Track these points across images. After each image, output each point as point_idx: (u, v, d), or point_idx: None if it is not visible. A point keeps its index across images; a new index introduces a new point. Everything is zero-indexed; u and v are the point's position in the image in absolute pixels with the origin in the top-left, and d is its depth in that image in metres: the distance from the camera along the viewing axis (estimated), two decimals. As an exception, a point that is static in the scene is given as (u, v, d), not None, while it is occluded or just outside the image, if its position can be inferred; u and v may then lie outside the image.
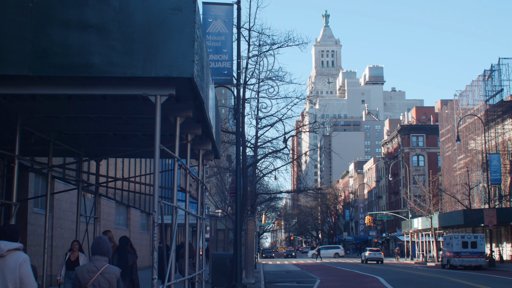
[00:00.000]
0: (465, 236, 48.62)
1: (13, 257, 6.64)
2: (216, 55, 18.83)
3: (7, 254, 6.64)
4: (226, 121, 29.28)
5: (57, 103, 12.02)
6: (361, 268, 50.39)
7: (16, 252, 6.70)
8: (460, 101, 71.91)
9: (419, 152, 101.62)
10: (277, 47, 25.23)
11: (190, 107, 11.10)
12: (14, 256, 6.65)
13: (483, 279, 33.96)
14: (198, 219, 16.57)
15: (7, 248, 6.64)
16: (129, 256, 15.58)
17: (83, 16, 8.85)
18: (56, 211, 25.17)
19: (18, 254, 6.69)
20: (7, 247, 6.65)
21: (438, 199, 68.46)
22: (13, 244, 6.71)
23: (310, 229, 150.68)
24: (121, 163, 37.38)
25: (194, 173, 15.00)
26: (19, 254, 6.70)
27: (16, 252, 6.70)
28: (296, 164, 39.44)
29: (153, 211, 9.20)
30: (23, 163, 18.91)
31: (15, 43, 8.70)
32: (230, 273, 23.03)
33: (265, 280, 33.12)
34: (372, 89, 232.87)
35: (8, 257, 6.64)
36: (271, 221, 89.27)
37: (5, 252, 6.63)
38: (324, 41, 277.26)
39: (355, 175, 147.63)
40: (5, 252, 6.63)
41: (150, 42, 8.95)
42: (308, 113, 43.09)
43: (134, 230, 42.08)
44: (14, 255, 6.66)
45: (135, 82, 9.31)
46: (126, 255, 15.48)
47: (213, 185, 41.36)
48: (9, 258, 6.64)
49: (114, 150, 17.90)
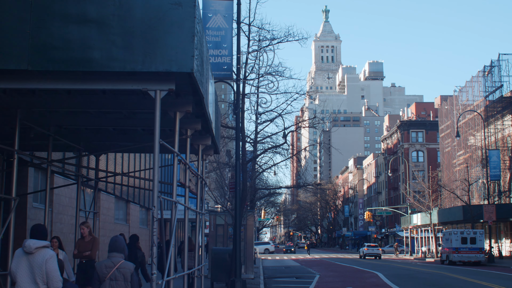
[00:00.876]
0: (464, 232, 48.68)
1: (41, 254, 7.52)
2: (216, 50, 18.81)
3: (35, 251, 7.51)
4: (225, 116, 29.22)
5: (57, 98, 12.01)
6: (360, 264, 50.45)
7: (44, 249, 7.59)
8: (459, 97, 71.88)
9: (419, 148, 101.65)
10: (277, 42, 25.20)
11: (190, 102, 11.09)
12: (41, 253, 7.53)
13: (482, 274, 34.00)
14: (198, 214, 16.58)
15: (35, 246, 7.51)
16: (138, 252, 16.82)
17: (83, 10, 8.83)
18: (55, 206, 25.17)
19: (46, 251, 7.58)
20: (35, 245, 7.52)
21: (437, 195, 68.50)
22: (40, 242, 7.58)
23: (309, 225, 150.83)
24: (121, 158, 37.37)
25: (193, 168, 15.00)
26: (46, 251, 7.59)
27: (44, 249, 7.59)
28: (296, 160, 39.44)
29: (152, 206, 9.20)
30: (22, 157, 18.90)
31: (15, 37, 8.68)
32: (229, 268, 23.03)
33: (264, 276, 33.14)
34: (371, 85, 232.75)
35: (36, 254, 7.51)
36: (270, 217, 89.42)
37: (34, 249, 7.50)
38: (324, 36, 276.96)
39: (354, 170, 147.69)
40: (34, 249, 7.50)
41: (150, 36, 8.93)
42: (307, 109, 43.11)
43: (133, 225, 42.09)
44: (42, 252, 7.54)
45: (135, 77, 9.30)
46: (136, 251, 16.70)
47: (213, 180, 41.37)
48: (37, 254, 7.51)
49: (113, 145, 17.90)
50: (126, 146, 17.70)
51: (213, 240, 32.24)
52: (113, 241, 8.43)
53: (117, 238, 8.53)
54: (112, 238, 8.53)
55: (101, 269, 8.21)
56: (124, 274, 8.18)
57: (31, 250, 7.52)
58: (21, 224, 21.31)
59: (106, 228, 33.51)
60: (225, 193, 34.37)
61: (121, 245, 8.40)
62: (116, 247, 8.35)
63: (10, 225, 11.94)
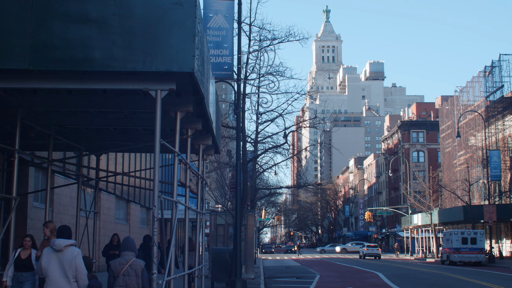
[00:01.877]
0: (464, 232, 48.66)
1: (69, 251, 8.70)
2: (217, 50, 18.81)
3: (64, 249, 8.68)
4: (226, 116, 29.22)
5: (58, 97, 12.01)
6: (360, 264, 50.44)
7: (71, 247, 8.77)
8: (460, 97, 71.85)
9: (419, 148, 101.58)
10: (278, 42, 25.15)
11: (191, 101, 11.09)
12: (70, 250, 8.71)
13: (483, 275, 33.98)
14: (198, 214, 16.58)
15: (64, 244, 8.68)
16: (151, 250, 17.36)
17: (84, 10, 8.83)
18: (56, 205, 25.17)
19: (73, 249, 8.76)
20: (64, 243, 8.69)
21: (438, 195, 68.47)
22: (68, 241, 8.76)
23: (310, 225, 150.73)
24: (121, 158, 37.37)
25: (194, 168, 15.00)
26: (74, 249, 8.77)
27: (71, 247, 8.77)
28: (296, 160, 39.41)
29: (153, 206, 9.20)
30: (23, 157, 18.91)
31: (16, 37, 8.68)
32: (230, 268, 23.03)
33: (265, 276, 33.15)
34: (372, 85, 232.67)
35: (65, 251, 8.68)
36: (271, 217, 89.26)
37: (63, 247, 8.67)
38: (324, 36, 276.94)
39: (355, 170, 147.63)
40: (63, 247, 8.67)
41: (150, 36, 8.93)
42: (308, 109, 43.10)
43: (134, 225, 42.09)
44: (70, 250, 8.71)
45: (135, 77, 9.29)
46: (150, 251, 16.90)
47: (213, 180, 41.36)
48: (66, 252, 8.68)
49: (114, 145, 17.90)
50: (127, 145, 17.70)
51: (213, 240, 32.23)
52: (125, 241, 9.41)
53: (129, 238, 9.52)
54: (124, 238, 9.53)
55: (115, 266, 9.16)
56: (136, 270, 9.11)
57: (60, 248, 8.66)
58: (21, 224, 21.32)
59: (107, 227, 33.51)
60: (225, 193, 34.35)
61: (132, 245, 9.37)
62: (128, 246, 9.32)
63: (10, 224, 11.95)
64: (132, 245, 9.36)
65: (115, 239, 18.82)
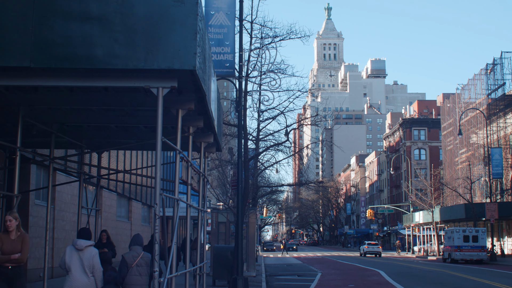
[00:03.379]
0: (466, 230, 48.67)
1: (88, 251, 10.15)
2: (218, 48, 18.79)
3: (84, 248, 10.11)
4: (228, 113, 29.19)
5: (59, 95, 12.00)
6: (361, 262, 50.46)
7: (90, 247, 10.21)
8: (462, 94, 71.80)
9: (421, 146, 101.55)
10: (279, 39, 25.15)
11: (192, 99, 11.07)
12: (89, 250, 10.16)
13: (484, 273, 33.98)
14: (200, 212, 16.57)
15: (85, 245, 10.14)
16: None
17: (86, 7, 8.82)
18: (57, 203, 25.19)
19: (92, 249, 10.22)
20: (85, 243, 10.16)
21: (439, 193, 68.47)
22: (88, 242, 10.24)
23: (311, 223, 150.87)
24: (123, 156, 37.37)
25: (195, 166, 14.98)
26: (92, 249, 10.23)
27: (90, 247, 10.21)
28: (298, 157, 39.45)
29: (154, 204, 9.19)
30: (24, 155, 18.89)
31: (17, 34, 8.67)
32: (231, 266, 23.03)
33: (266, 273, 33.17)
34: (374, 82, 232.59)
35: (85, 250, 10.11)
36: (272, 214, 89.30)
37: (84, 247, 10.11)
38: (326, 34, 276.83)
39: (356, 168, 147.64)
40: (84, 247, 10.11)
41: (152, 34, 8.91)
42: (310, 106, 42.97)
43: (135, 223, 42.11)
44: (89, 249, 10.17)
45: (137, 74, 9.28)
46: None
47: (215, 177, 41.35)
48: (86, 251, 10.12)
49: (116, 142, 17.88)
50: (128, 143, 17.68)
51: (215, 238, 32.24)
52: (135, 237, 10.83)
53: (138, 235, 10.96)
54: (134, 235, 10.94)
55: (129, 258, 10.43)
56: (146, 261, 10.46)
57: (82, 247, 10.09)
58: (23, 222, 21.29)
59: (108, 225, 33.52)
60: (227, 190, 34.35)
61: (141, 240, 10.79)
62: (137, 241, 10.70)
63: (12, 222, 11.91)
64: (141, 241, 10.77)
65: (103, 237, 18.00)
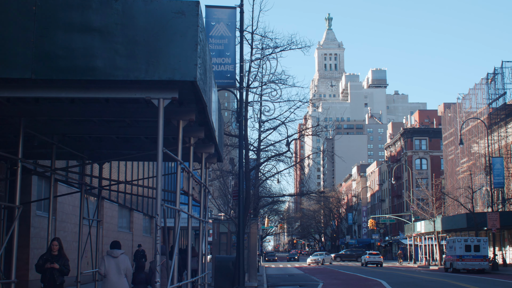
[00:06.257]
0: (468, 240, 48.51)
1: (122, 258, 12.92)
2: (219, 58, 18.86)
3: (119, 256, 12.85)
4: (229, 124, 29.26)
5: (60, 106, 12.04)
6: (363, 272, 50.31)
7: (123, 255, 13.03)
8: (463, 104, 71.81)
9: (422, 156, 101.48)
10: (280, 50, 25.22)
11: (193, 110, 11.11)
12: (122, 257, 12.93)
13: (487, 282, 33.87)
14: (201, 222, 16.57)
15: (119, 253, 12.93)
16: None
17: (87, 19, 8.87)
18: (59, 214, 25.18)
19: (124, 256, 13.04)
20: (119, 252, 12.94)
21: (441, 203, 68.35)
22: (121, 251, 13.03)
23: (313, 233, 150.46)
24: (124, 166, 37.38)
25: (197, 176, 15.00)
26: (125, 256, 13.05)
27: (123, 255, 13.03)
28: (299, 167, 39.41)
29: (156, 214, 9.21)
30: (26, 166, 18.92)
31: (19, 46, 8.72)
32: (233, 277, 23.00)
33: (268, 284, 33.06)
34: (375, 92, 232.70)
35: (120, 257, 12.86)
36: (273, 224, 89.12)
37: (119, 255, 12.87)
38: (327, 44, 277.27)
39: (358, 178, 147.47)
40: (119, 255, 12.87)
41: (153, 45, 8.96)
42: (311, 116, 43.11)
43: (137, 233, 42.06)
44: (122, 256, 12.95)
45: (138, 86, 9.31)
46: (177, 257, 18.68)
47: (216, 188, 41.37)
48: (120, 258, 12.86)
49: (117, 153, 17.91)
50: (130, 154, 17.71)
51: (216, 248, 32.20)
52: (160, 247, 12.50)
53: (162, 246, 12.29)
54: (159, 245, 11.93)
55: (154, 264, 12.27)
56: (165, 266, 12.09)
57: (117, 255, 12.86)
58: (24, 232, 21.33)
59: (110, 236, 33.47)
60: (228, 201, 34.36)
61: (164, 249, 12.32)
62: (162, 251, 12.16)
63: (13, 233, 11.95)
64: (164, 249, 12.30)
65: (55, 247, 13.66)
